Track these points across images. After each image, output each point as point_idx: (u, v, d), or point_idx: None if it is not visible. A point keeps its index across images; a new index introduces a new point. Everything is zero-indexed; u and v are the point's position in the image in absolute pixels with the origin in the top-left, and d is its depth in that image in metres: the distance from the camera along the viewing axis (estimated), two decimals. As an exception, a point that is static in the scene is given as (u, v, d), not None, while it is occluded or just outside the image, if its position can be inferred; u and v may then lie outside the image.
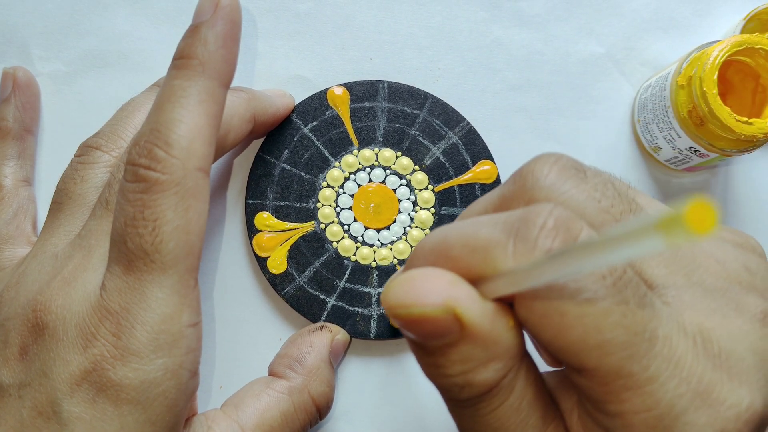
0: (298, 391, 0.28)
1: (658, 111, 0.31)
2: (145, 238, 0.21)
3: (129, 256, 0.22)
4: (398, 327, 0.18)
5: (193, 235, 0.22)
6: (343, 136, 0.32)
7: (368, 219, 0.32)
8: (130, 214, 0.22)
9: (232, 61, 0.23)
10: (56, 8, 0.33)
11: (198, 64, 0.22)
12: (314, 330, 0.30)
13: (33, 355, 0.22)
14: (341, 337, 0.31)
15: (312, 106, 0.32)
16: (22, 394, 0.22)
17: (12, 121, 0.32)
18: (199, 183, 0.22)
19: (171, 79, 0.22)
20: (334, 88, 0.32)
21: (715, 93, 0.27)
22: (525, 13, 0.34)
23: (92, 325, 0.22)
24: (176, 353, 0.22)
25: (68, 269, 0.23)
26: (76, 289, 0.23)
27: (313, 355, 0.29)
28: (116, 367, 0.21)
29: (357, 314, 0.31)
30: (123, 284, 0.22)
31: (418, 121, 0.32)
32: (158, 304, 0.22)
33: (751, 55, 0.29)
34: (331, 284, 0.31)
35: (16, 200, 0.30)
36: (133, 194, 0.22)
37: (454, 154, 0.32)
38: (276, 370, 0.29)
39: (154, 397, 0.22)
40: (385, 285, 0.25)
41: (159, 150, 0.21)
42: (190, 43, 0.23)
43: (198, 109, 0.22)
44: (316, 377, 0.29)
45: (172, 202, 0.22)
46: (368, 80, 0.32)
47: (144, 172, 0.21)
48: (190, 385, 0.23)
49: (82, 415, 0.21)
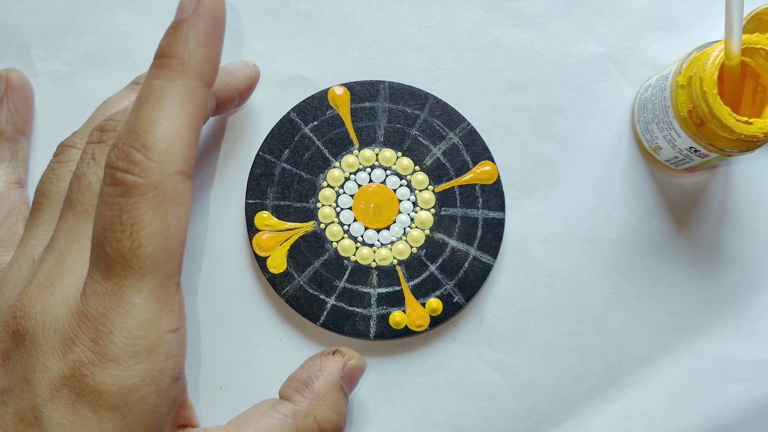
0: (303, 415, 0.27)
1: (658, 111, 0.31)
2: (123, 242, 0.21)
3: (107, 260, 0.21)
4: None
5: (173, 239, 0.22)
6: (343, 136, 0.32)
7: (368, 219, 0.32)
8: (108, 219, 0.21)
9: (215, 59, 0.23)
10: (56, 8, 0.33)
11: (178, 64, 0.22)
12: (327, 354, 0.29)
13: (15, 361, 0.22)
14: (355, 362, 0.29)
15: (313, 105, 0.32)
16: (5, 400, 0.22)
17: (4, 123, 0.31)
18: (178, 186, 0.22)
19: (151, 79, 0.22)
20: (335, 88, 0.32)
21: (715, 93, 0.27)
22: (525, 13, 0.34)
23: (71, 330, 0.22)
24: (155, 359, 0.22)
25: (43, 274, 0.23)
26: (54, 295, 0.23)
27: (322, 379, 0.28)
28: (95, 372, 0.21)
29: (356, 314, 0.31)
30: (102, 289, 0.22)
31: (419, 121, 0.32)
32: (136, 310, 0.21)
33: (752, 55, 0.29)
34: (330, 284, 0.31)
35: (7, 203, 0.30)
36: (111, 198, 0.21)
37: (454, 155, 0.32)
38: (284, 393, 0.28)
39: (133, 403, 0.22)
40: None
41: (137, 153, 0.21)
42: (170, 41, 0.22)
43: (177, 111, 0.22)
44: (323, 402, 0.27)
45: (150, 206, 0.21)
46: (369, 80, 0.33)
47: (122, 175, 0.21)
48: (171, 390, 0.23)
49: (62, 421, 0.21)
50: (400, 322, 0.31)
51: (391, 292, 0.31)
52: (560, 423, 0.32)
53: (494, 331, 0.32)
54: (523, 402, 0.32)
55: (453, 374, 0.32)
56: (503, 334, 0.32)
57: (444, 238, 0.32)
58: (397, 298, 0.31)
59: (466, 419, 0.32)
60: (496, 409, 0.32)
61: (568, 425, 0.32)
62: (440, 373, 0.32)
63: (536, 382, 0.32)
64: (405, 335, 0.31)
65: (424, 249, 0.32)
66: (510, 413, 0.32)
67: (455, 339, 0.32)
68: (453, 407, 0.32)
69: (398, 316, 0.31)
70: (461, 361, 0.32)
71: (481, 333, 0.32)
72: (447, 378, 0.32)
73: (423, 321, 0.31)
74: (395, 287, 0.31)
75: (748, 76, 0.30)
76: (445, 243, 0.32)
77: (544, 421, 0.32)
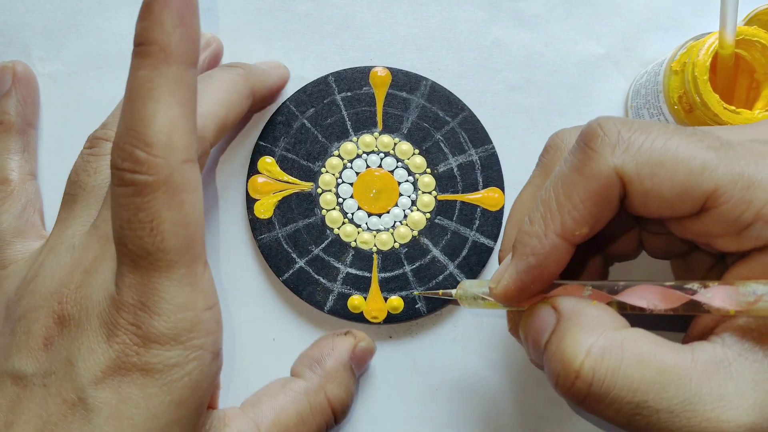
0: (314, 391, 0.28)
1: (650, 96, 0.31)
2: (145, 239, 0.21)
3: (132, 256, 0.22)
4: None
5: (192, 226, 0.22)
6: (370, 115, 0.32)
7: (365, 201, 0.32)
8: (125, 218, 0.22)
9: (194, 37, 0.22)
10: (56, 8, 0.33)
11: (159, 50, 0.21)
12: (338, 334, 0.30)
13: (58, 345, 0.23)
14: (365, 345, 0.30)
15: (352, 77, 0.33)
16: (47, 383, 0.23)
17: (14, 115, 0.32)
18: (187, 175, 0.22)
19: (136, 70, 0.22)
20: (378, 68, 0.33)
21: (705, 79, 0.27)
22: (525, 13, 0.34)
23: (111, 315, 0.22)
24: (196, 337, 0.23)
25: (88, 260, 0.24)
26: (96, 278, 0.23)
27: (333, 357, 0.29)
28: (140, 353, 0.22)
29: (319, 284, 0.31)
30: (133, 281, 0.22)
31: (447, 128, 0.32)
32: (171, 296, 0.22)
33: (748, 48, 0.29)
34: (306, 247, 0.31)
35: (24, 194, 0.31)
36: (124, 198, 0.22)
37: (468, 171, 0.32)
38: (296, 370, 0.29)
39: (177, 379, 0.22)
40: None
41: (140, 151, 0.21)
42: (146, 26, 0.21)
43: (170, 100, 0.21)
44: (333, 380, 0.28)
45: (164, 200, 0.21)
46: (414, 73, 0.33)
47: (130, 176, 0.21)
48: (212, 366, 0.23)
49: (109, 400, 0.22)
50: (358, 306, 0.31)
51: (360, 276, 0.31)
52: (560, 423, 0.32)
53: (494, 332, 0.32)
54: (523, 402, 0.32)
55: (453, 374, 0.32)
56: (503, 334, 0.32)
57: (428, 245, 0.32)
58: (364, 283, 0.31)
59: (466, 419, 0.32)
60: (496, 409, 0.32)
61: (568, 425, 0.32)
62: (440, 373, 0.32)
63: (536, 382, 0.32)
64: (358, 321, 0.31)
65: (406, 248, 0.32)
66: (510, 413, 0.32)
67: (455, 339, 0.32)
68: (453, 407, 0.32)
69: (357, 300, 0.31)
70: (461, 361, 0.32)
71: (481, 333, 0.32)
72: (447, 378, 0.32)
73: (380, 314, 0.31)
74: (366, 273, 0.31)
75: (743, 72, 0.30)
76: (428, 250, 0.32)
77: (543, 422, 0.32)
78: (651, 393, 0.20)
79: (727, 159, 0.20)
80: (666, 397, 0.20)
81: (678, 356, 0.20)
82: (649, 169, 0.21)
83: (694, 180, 0.20)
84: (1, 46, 0.33)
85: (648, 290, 0.22)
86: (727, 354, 0.20)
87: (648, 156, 0.21)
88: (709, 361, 0.20)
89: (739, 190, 0.20)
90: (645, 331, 0.22)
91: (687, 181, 0.20)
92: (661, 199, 0.21)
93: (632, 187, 0.21)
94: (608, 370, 0.20)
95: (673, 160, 0.21)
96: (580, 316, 0.22)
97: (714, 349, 0.21)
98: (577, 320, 0.22)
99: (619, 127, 0.21)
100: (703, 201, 0.21)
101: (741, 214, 0.20)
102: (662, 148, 0.21)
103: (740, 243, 0.21)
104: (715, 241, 0.22)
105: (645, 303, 0.22)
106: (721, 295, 0.21)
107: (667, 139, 0.21)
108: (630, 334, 0.21)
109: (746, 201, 0.20)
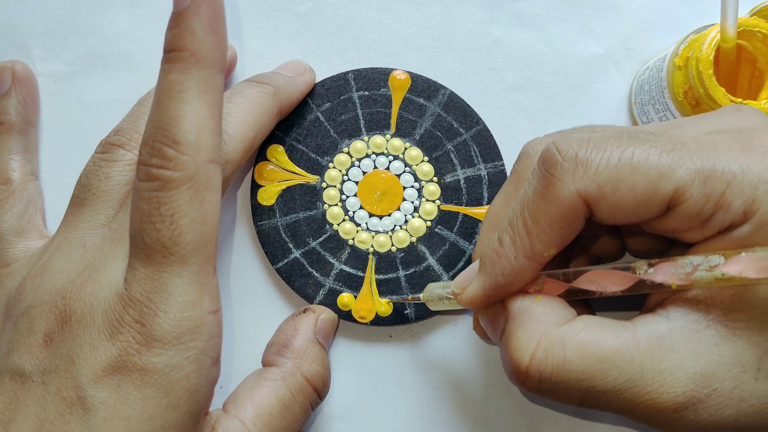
0: (291, 374, 0.28)
1: (654, 92, 0.31)
2: (162, 232, 0.22)
3: (146, 250, 0.22)
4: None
5: (210, 225, 0.23)
6: (384, 117, 0.32)
7: (368, 202, 0.32)
8: (146, 211, 0.22)
9: (222, 44, 0.23)
10: (57, 9, 0.34)
11: (190, 56, 0.22)
12: (298, 314, 0.31)
13: (59, 342, 0.23)
14: (326, 316, 0.31)
15: (372, 77, 0.33)
16: (46, 380, 0.23)
17: (15, 115, 0.32)
18: (210, 175, 0.23)
19: (167, 74, 0.23)
20: (398, 72, 0.33)
21: (710, 73, 0.28)
22: (525, 13, 0.34)
23: (117, 312, 0.22)
24: (198, 339, 0.23)
25: (99, 259, 0.24)
26: (105, 276, 0.23)
27: (299, 337, 0.29)
28: (141, 352, 0.22)
29: (312, 277, 0.31)
30: (144, 276, 0.22)
31: (459, 140, 0.32)
32: (179, 293, 0.22)
33: (749, 38, 0.29)
34: (304, 239, 0.32)
35: (26, 194, 0.31)
36: (147, 192, 0.22)
37: (475, 185, 0.32)
38: (267, 359, 0.30)
39: (176, 381, 0.22)
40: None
41: (168, 149, 0.22)
42: (177, 34, 0.23)
43: (199, 102, 0.22)
44: (306, 358, 0.29)
45: (187, 196, 0.22)
46: (433, 80, 0.33)
47: (157, 171, 0.22)
48: (212, 371, 0.24)
49: (107, 400, 0.22)
50: (347, 304, 0.31)
51: (353, 274, 0.31)
52: (560, 423, 0.32)
53: (494, 331, 0.32)
54: (523, 402, 0.32)
55: (453, 374, 0.32)
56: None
57: (425, 253, 0.32)
58: (356, 282, 0.31)
59: (466, 419, 0.32)
60: (495, 408, 0.32)
61: (568, 425, 0.32)
62: (440, 372, 0.32)
63: (536, 382, 0.32)
64: (345, 319, 0.31)
65: (402, 253, 0.32)
66: (510, 413, 0.32)
67: (455, 339, 0.32)
68: (453, 407, 0.32)
69: (347, 298, 0.31)
70: (461, 361, 0.32)
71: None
72: (447, 378, 0.32)
73: (368, 315, 0.31)
74: (359, 272, 0.31)
75: (745, 61, 0.30)
76: (424, 258, 0.32)
77: (543, 422, 0.32)
78: (596, 379, 0.22)
79: (681, 160, 0.22)
80: (610, 380, 0.22)
81: (620, 338, 0.22)
82: (610, 186, 0.22)
83: (654, 187, 0.22)
84: (2, 46, 0.33)
85: (598, 274, 0.24)
86: (669, 327, 0.22)
87: (607, 174, 0.22)
88: (651, 337, 0.22)
89: (697, 186, 0.21)
90: (590, 317, 0.24)
91: (647, 190, 0.22)
92: (625, 210, 0.22)
93: (597, 204, 0.22)
94: (553, 368, 0.23)
95: (631, 172, 0.22)
96: (524, 316, 0.24)
97: (657, 323, 0.22)
98: (522, 320, 0.24)
99: (576, 149, 0.22)
100: (666, 203, 0.22)
101: (702, 208, 0.22)
102: (619, 163, 0.22)
103: (704, 232, 0.22)
104: (683, 235, 0.23)
105: (595, 287, 0.24)
106: (662, 271, 0.22)
107: (622, 152, 0.22)
108: (570, 329, 0.23)
109: (705, 194, 0.21)
